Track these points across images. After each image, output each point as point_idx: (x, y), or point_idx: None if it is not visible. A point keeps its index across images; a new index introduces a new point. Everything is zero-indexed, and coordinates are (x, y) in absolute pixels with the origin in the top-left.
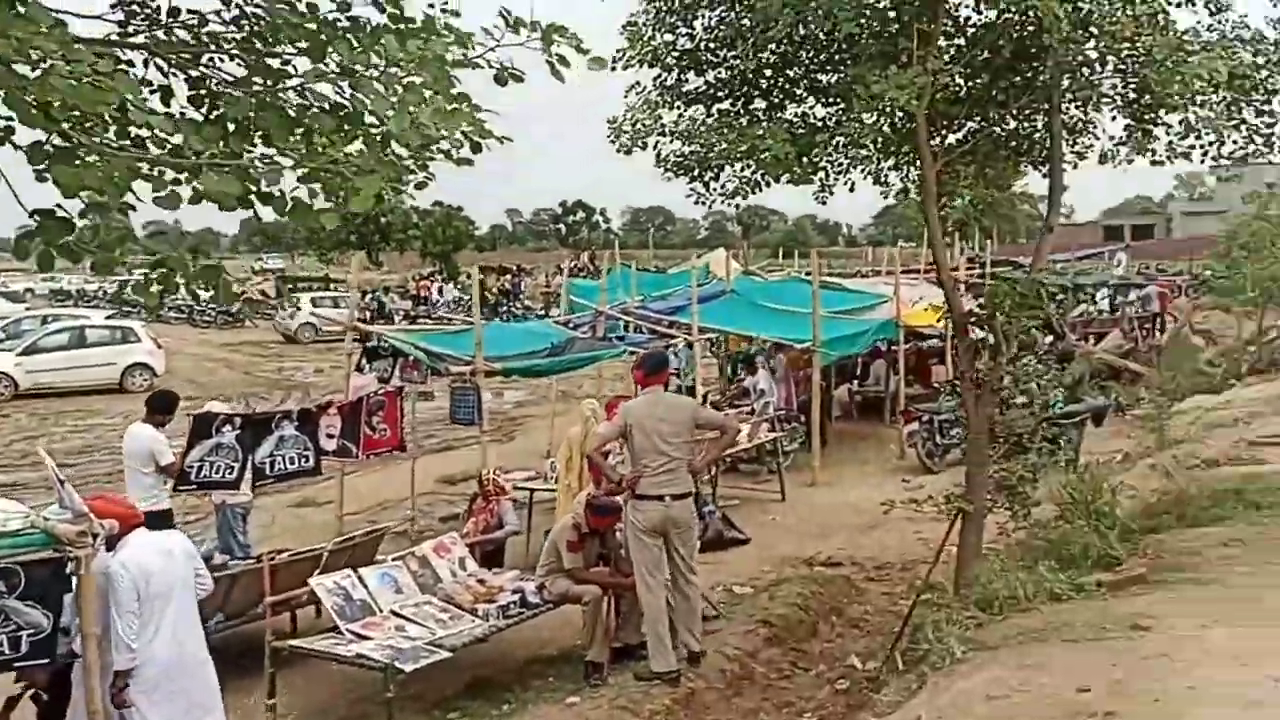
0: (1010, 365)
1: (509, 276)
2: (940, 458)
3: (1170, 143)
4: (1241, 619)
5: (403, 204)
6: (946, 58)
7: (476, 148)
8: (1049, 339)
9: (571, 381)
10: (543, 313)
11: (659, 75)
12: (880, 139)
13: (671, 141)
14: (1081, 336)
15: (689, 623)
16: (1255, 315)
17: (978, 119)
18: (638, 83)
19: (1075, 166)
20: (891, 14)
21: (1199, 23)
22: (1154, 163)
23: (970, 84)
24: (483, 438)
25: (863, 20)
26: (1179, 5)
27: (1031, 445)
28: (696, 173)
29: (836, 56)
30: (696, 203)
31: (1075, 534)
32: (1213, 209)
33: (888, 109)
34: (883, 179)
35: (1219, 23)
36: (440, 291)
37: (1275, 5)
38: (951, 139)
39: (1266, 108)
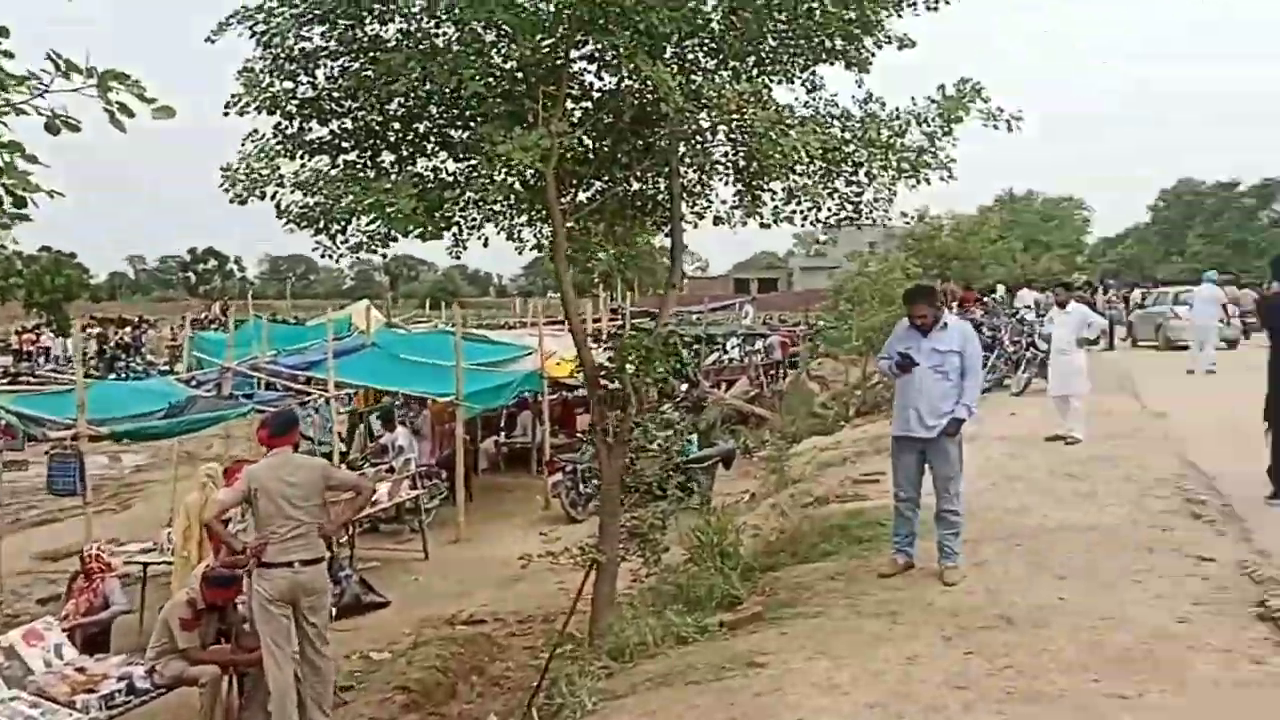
0: (640, 416)
1: (129, 329)
2: (584, 507)
3: (775, 207)
4: (843, 649)
5: None
6: (575, 118)
7: (21, 202)
8: (685, 387)
9: (200, 443)
10: (166, 368)
11: (280, 123)
12: (512, 196)
13: (292, 192)
14: (714, 384)
15: (319, 696)
16: (860, 362)
17: (605, 179)
18: (255, 130)
19: (695, 226)
20: (519, 75)
21: (796, 99)
22: (763, 225)
23: (597, 145)
24: (87, 509)
25: (490, 80)
26: (779, 83)
27: (664, 492)
28: (322, 225)
29: (467, 113)
30: (322, 256)
31: (702, 576)
32: (826, 265)
33: (519, 167)
34: (516, 235)
35: (814, 100)
36: (51, 346)
37: (860, 86)
38: (581, 197)
39: (855, 178)
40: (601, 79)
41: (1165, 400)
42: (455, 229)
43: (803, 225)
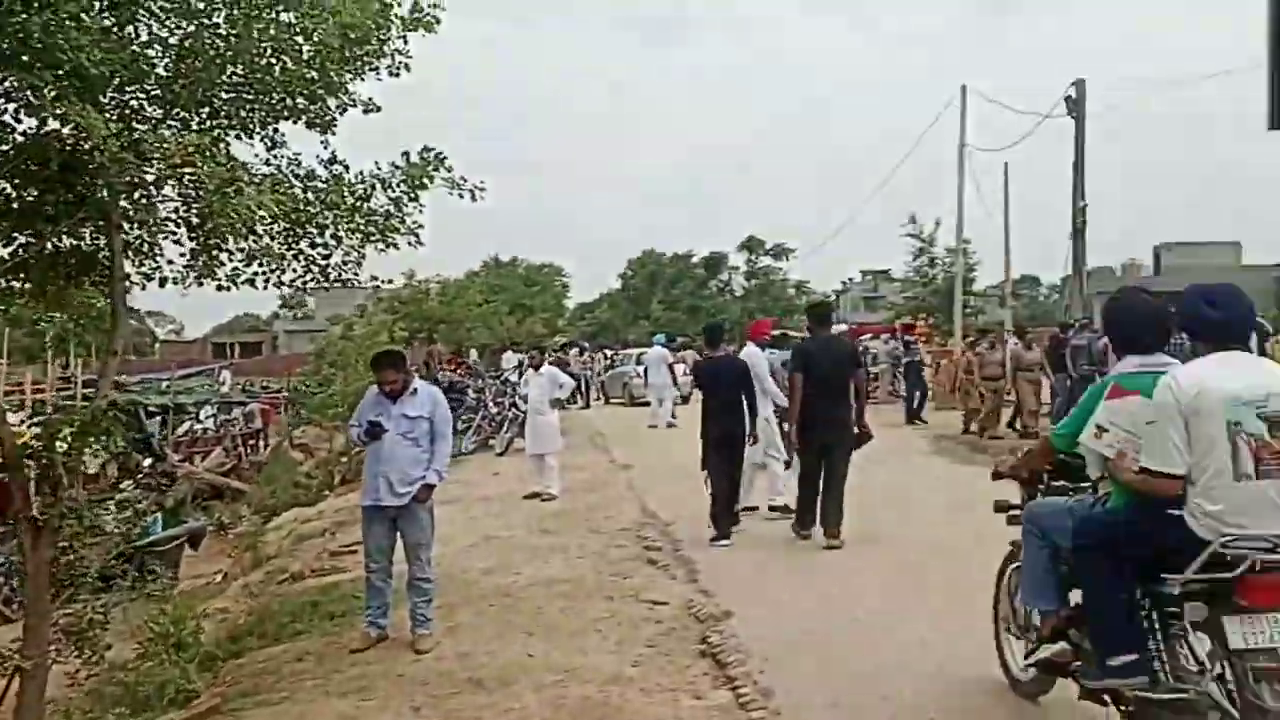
0: (78, 497)
1: None
2: (19, 604)
3: (235, 269)
4: None
5: None
6: None
7: None
8: (149, 461)
9: None
10: None
11: None
12: None
13: None
14: (185, 456)
15: None
16: (345, 428)
17: (29, 232)
18: None
19: (143, 288)
20: None
21: (256, 156)
22: (220, 288)
23: (19, 194)
24: None
25: None
26: (238, 137)
27: (107, 583)
28: None
29: None
30: None
31: (154, 672)
32: (313, 328)
33: None
34: None
35: (275, 157)
36: None
37: (325, 147)
38: (3, 252)
39: (320, 240)
40: (21, 120)
41: (631, 454)
42: None
43: (264, 289)
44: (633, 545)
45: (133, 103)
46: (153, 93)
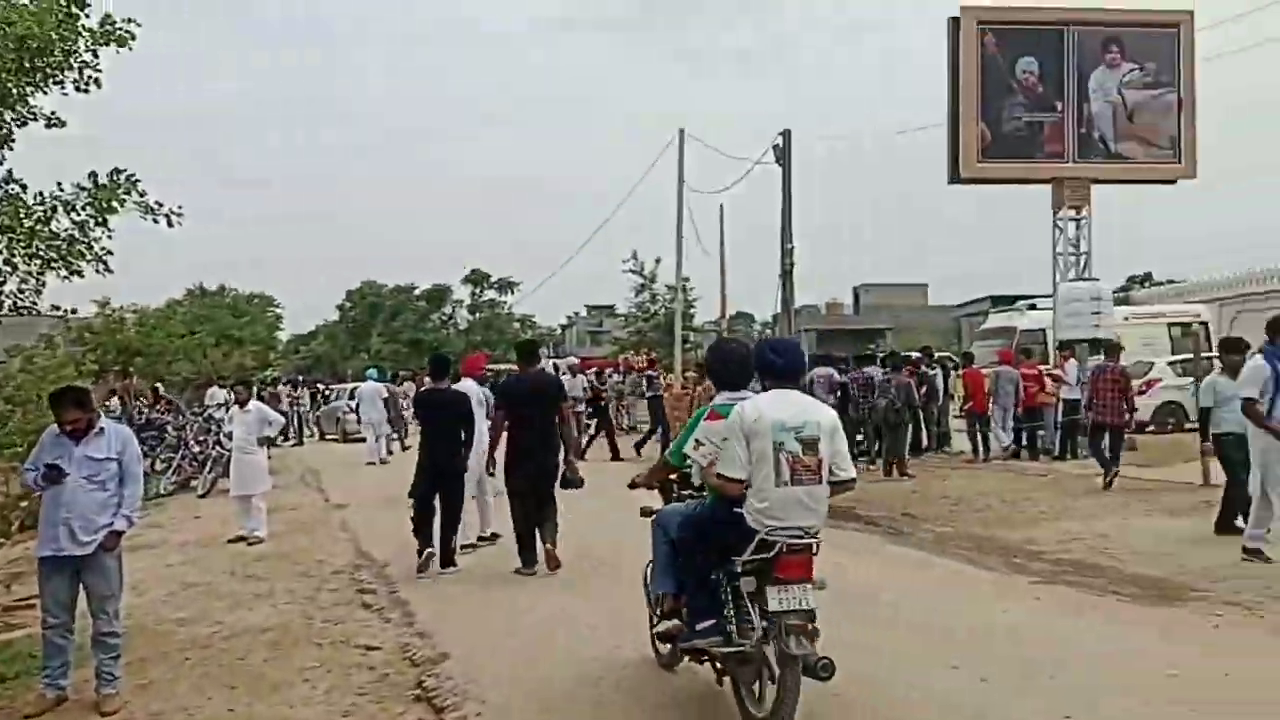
0: None
1: None
2: None
3: None
4: None
5: None
6: None
7: None
8: None
9: None
10: None
11: None
12: None
13: None
14: None
15: None
16: (20, 471)
17: None
18: None
19: None
20: None
21: None
22: None
23: None
24: None
25: None
26: None
27: None
28: None
29: None
30: None
31: None
32: None
33: None
34: None
35: None
36: None
37: (1, 163)
38: None
39: None
40: None
41: (347, 492)
42: None
43: None
44: (345, 588)
45: None
46: None
